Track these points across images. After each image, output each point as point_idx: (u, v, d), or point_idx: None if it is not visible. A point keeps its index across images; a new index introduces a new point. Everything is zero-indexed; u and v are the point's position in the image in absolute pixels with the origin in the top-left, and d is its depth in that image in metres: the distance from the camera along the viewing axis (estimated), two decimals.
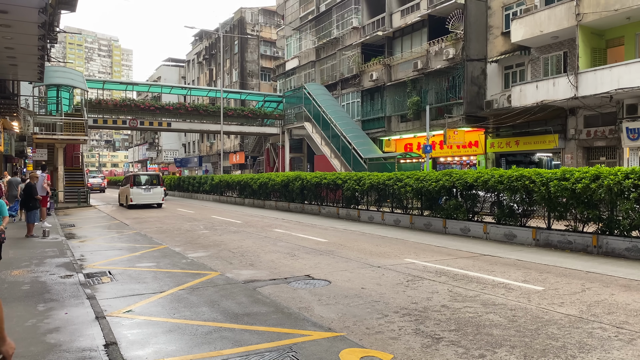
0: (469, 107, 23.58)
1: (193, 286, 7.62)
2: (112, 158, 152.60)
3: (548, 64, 21.24)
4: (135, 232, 15.12)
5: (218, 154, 52.76)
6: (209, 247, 11.75)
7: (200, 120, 37.14)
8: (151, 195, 25.78)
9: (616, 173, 9.57)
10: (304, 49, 38.55)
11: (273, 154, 41.74)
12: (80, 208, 26.07)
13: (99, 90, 37.01)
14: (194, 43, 67.92)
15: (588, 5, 18.10)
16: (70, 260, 9.56)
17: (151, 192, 25.80)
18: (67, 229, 15.95)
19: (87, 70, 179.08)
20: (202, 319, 5.88)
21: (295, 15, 41.16)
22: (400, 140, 29.58)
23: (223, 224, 17.01)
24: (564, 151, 20.64)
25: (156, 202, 25.95)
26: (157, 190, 26.00)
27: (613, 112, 18.70)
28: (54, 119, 28.59)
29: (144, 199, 25.56)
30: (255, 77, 51.62)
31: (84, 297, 6.73)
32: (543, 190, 10.76)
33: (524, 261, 9.33)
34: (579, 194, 10.09)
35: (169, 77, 70.11)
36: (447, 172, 14.27)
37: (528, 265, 8.95)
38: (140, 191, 25.53)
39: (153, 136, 76.06)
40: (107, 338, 5.06)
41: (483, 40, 23.83)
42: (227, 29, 53.05)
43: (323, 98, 32.51)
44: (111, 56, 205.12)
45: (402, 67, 28.59)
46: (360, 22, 32.23)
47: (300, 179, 21.74)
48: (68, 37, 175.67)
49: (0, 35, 10.93)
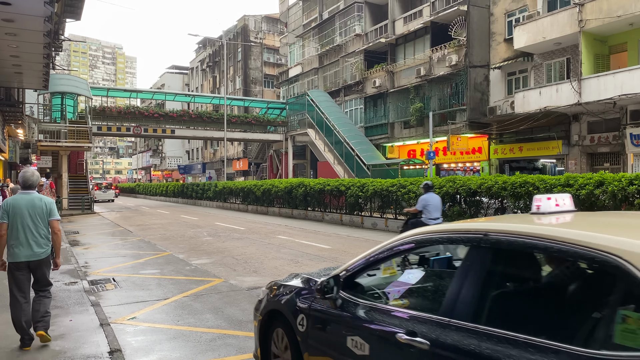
0: (472, 114, 23.59)
1: (197, 293, 7.62)
2: (116, 165, 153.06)
3: (551, 70, 21.25)
4: (139, 239, 15.15)
5: (221, 160, 52.85)
6: (212, 253, 11.76)
7: (204, 127, 37.23)
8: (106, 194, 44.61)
9: (620, 179, 9.55)
10: (307, 56, 38.69)
11: (276, 160, 41.78)
12: (85, 215, 26.15)
13: (103, 98, 37.18)
14: (197, 50, 68.24)
15: (591, 12, 18.12)
16: (74, 267, 9.58)
17: (107, 192, 44.94)
18: (71, 235, 15.99)
19: (91, 77, 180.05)
20: (206, 326, 5.89)
21: (298, 22, 41.34)
22: (404, 147, 29.58)
23: (226, 231, 17.02)
24: (568, 157, 20.59)
25: (109, 199, 44.43)
26: (110, 191, 45.82)
27: (617, 118, 18.67)
28: (58, 126, 28.72)
29: (103, 196, 43.55)
30: (258, 84, 51.78)
31: (88, 304, 6.74)
32: None
33: None
34: (583, 200, 10.07)
35: (173, 85, 70.43)
36: (451, 179, 14.27)
37: None
38: (100, 192, 43.77)
39: (157, 143, 76.29)
40: (111, 345, 5.07)
41: (486, 47, 23.87)
42: (231, 36, 53.31)
43: (326, 105, 32.57)
44: (115, 64, 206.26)
45: (405, 74, 28.64)
46: (363, 29, 32.34)
47: (303, 186, 21.75)
48: (72, 44, 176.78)
49: (6, 44, 11.03)
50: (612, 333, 1.91)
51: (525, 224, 2.60)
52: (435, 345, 2.39)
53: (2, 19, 9.36)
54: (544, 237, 2.30)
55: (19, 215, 4.91)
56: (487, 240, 2.53)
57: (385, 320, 2.79)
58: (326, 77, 36.57)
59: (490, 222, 2.83)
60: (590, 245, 2.10)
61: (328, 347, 3.22)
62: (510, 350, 2.10)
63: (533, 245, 2.37)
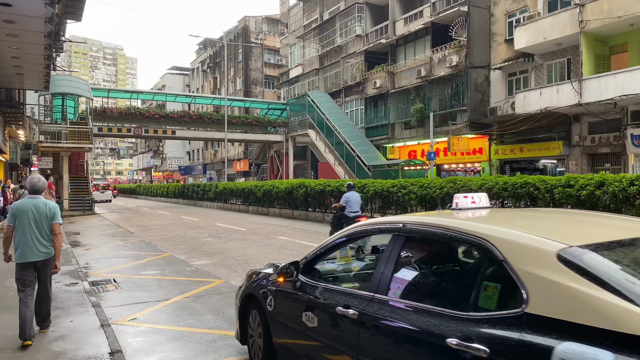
0: (473, 114, 23.59)
1: (197, 294, 7.62)
2: (117, 166, 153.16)
3: (552, 70, 21.25)
4: (139, 239, 15.15)
5: (222, 161, 52.87)
6: (213, 254, 11.76)
7: (205, 128, 37.25)
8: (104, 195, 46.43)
9: (621, 180, 9.54)
10: (308, 57, 38.71)
11: (277, 161, 41.79)
12: (85, 216, 26.16)
13: (103, 99, 37.22)
14: (198, 51, 68.29)
15: (591, 12, 18.12)
16: (75, 268, 9.59)
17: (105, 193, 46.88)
18: (72, 236, 16.00)
19: (92, 78, 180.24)
20: (206, 327, 5.89)
21: (299, 23, 41.36)
22: (404, 148, 29.58)
23: (227, 232, 17.02)
24: (569, 158, 20.58)
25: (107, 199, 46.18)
26: (108, 192, 47.92)
27: (617, 118, 18.67)
28: (59, 127, 28.76)
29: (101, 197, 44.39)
30: (259, 85, 51.81)
31: (89, 305, 6.75)
32: (547, 197, 10.74)
33: None
34: (583, 201, 10.06)
35: (174, 86, 70.47)
36: (451, 179, 14.27)
37: None
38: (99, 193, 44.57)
39: (157, 144, 76.34)
40: (112, 346, 5.07)
41: (486, 48, 23.87)
42: (231, 37, 53.35)
43: (327, 105, 32.59)
44: (116, 65, 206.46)
45: (405, 75, 28.65)
46: (364, 30, 32.36)
47: (304, 186, 21.75)
48: (73, 45, 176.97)
49: (7, 45, 11.05)
50: (477, 299, 2.49)
51: (435, 217, 3.23)
52: (362, 314, 3.02)
53: (3, 20, 9.38)
54: (440, 226, 2.95)
55: (25, 218, 5.29)
56: (403, 229, 3.16)
57: (329, 298, 3.42)
58: (327, 78, 36.59)
59: (409, 216, 3.53)
60: (470, 232, 2.71)
61: (289, 321, 3.82)
62: (411, 315, 2.73)
63: (433, 233, 3.00)
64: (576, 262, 2.24)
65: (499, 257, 2.46)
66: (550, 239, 2.44)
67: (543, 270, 2.28)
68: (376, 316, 2.93)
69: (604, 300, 2.04)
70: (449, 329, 2.46)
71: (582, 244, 2.39)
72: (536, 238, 2.48)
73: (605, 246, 2.44)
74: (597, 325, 1.99)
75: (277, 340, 4.00)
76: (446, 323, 2.50)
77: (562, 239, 2.44)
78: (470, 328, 2.38)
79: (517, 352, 2.16)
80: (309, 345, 3.60)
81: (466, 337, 2.36)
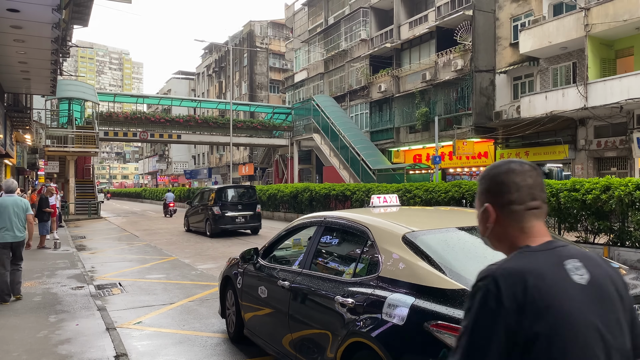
0: (478, 118, 23.54)
1: (202, 298, 7.64)
2: (123, 170, 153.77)
3: (557, 74, 21.19)
4: (145, 243, 15.20)
5: (227, 165, 53.00)
6: (218, 258, 11.78)
7: (210, 132, 37.36)
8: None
9: (627, 184, 9.47)
10: (313, 61, 38.79)
11: (282, 165, 41.84)
12: (91, 220, 26.27)
13: (109, 103, 37.40)
14: (203, 56, 68.57)
15: (597, 16, 18.08)
16: (81, 272, 9.63)
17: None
18: (78, 240, 16.07)
19: (98, 83, 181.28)
20: (211, 331, 5.90)
21: (303, 28, 41.48)
22: (409, 151, 29.55)
23: (232, 235, 17.04)
24: (574, 162, 20.50)
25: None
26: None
27: (623, 122, 18.58)
28: (65, 131, 28.93)
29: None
30: (264, 89, 51.95)
31: (94, 308, 6.77)
32: (553, 202, 10.69)
33: None
34: (589, 205, 10.00)
35: (179, 90, 70.76)
36: (457, 183, 14.22)
37: None
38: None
39: (163, 148, 76.60)
40: (117, 349, 5.09)
41: (491, 52, 23.85)
42: (237, 42, 53.54)
43: (331, 110, 32.62)
44: (122, 69, 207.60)
45: (410, 79, 28.66)
46: (369, 34, 32.40)
47: (309, 190, 21.76)
48: (80, 50, 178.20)
49: (15, 51, 11.14)
50: (357, 268, 3.61)
51: (345, 212, 4.32)
52: (292, 284, 4.08)
53: (11, 25, 9.47)
54: (344, 218, 4.04)
55: (6, 209, 7.07)
56: (323, 222, 4.27)
57: (274, 275, 4.47)
58: (332, 82, 36.64)
59: (329, 212, 4.55)
60: (358, 222, 3.81)
61: (250, 294, 4.91)
62: (318, 282, 3.81)
63: (340, 223, 4.10)
64: (412, 240, 3.26)
65: (371, 239, 3.52)
66: (403, 226, 3.46)
67: (393, 247, 3.31)
68: (299, 285, 3.99)
69: (418, 266, 3.06)
70: (337, 289, 3.51)
71: (421, 230, 3.40)
72: (395, 225, 3.52)
73: (437, 231, 3.42)
74: (414, 282, 3.00)
75: (245, 313, 5.07)
76: (336, 286, 3.56)
77: (412, 226, 3.46)
78: (347, 288, 3.43)
79: (368, 301, 3.17)
80: (261, 310, 4.69)
81: (344, 294, 3.39)
